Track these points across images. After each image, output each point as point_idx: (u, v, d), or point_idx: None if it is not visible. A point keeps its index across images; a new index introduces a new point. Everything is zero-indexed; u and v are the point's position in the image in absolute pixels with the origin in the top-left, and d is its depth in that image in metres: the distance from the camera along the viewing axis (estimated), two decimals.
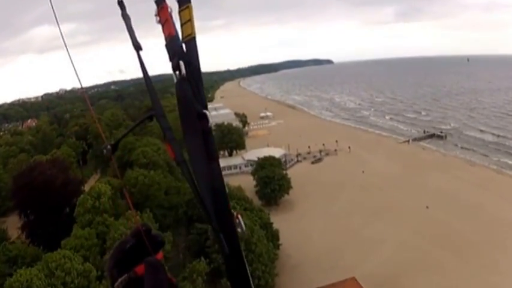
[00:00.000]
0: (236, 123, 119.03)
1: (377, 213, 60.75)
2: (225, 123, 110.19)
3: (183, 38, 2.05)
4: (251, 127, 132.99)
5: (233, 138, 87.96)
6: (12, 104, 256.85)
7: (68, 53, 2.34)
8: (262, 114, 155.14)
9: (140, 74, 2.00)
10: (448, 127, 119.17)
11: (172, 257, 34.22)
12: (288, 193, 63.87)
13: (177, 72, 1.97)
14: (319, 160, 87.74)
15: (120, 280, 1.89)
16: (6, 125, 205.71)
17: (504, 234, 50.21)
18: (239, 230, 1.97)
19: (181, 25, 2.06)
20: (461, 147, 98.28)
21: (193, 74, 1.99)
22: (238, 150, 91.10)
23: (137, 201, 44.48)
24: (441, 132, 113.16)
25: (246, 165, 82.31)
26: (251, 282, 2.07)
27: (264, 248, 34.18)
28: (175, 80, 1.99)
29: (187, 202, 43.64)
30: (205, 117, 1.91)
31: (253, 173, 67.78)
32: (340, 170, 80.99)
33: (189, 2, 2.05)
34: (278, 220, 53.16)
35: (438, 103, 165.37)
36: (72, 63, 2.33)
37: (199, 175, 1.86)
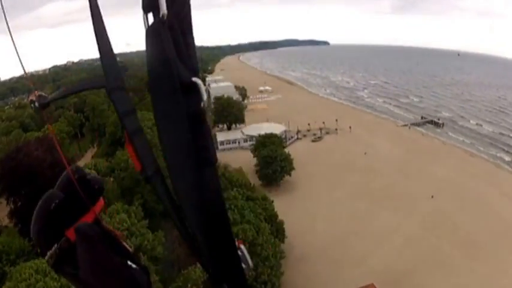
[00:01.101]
0: (236, 96, 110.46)
1: (382, 200, 54.60)
2: (225, 96, 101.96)
3: None
4: (250, 100, 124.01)
5: (232, 112, 79.25)
6: (20, 78, 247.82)
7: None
8: (261, 88, 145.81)
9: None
10: (444, 115, 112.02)
11: (165, 257, 26.78)
12: (290, 174, 56.14)
13: (157, 15, 1.13)
14: (320, 138, 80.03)
15: (49, 254, 1.40)
16: (12, 98, 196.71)
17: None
18: (243, 265, 1.34)
19: None
20: (460, 137, 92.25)
21: (181, 22, 1.17)
22: (237, 125, 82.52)
23: (128, 186, 36.57)
24: (438, 119, 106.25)
25: (245, 141, 74.27)
26: None
27: (271, 250, 27.01)
28: (145, 28, 1.17)
29: None
30: (194, 91, 1.16)
31: (253, 151, 59.80)
32: (341, 150, 73.66)
33: None
34: (280, 203, 45.62)
35: (430, 91, 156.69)
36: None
37: (183, 192, 1.16)
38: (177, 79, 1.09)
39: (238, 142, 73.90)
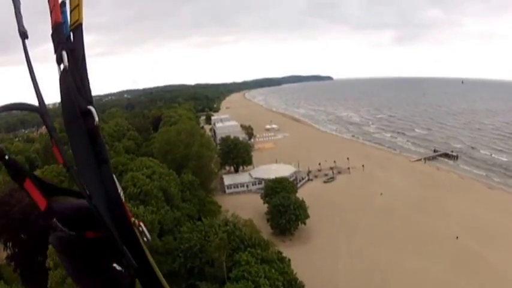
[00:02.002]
0: (242, 135, 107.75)
1: (405, 243, 50.28)
2: (232, 136, 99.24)
3: (70, 26, 1.71)
4: (257, 139, 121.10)
5: (239, 154, 75.91)
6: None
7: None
8: (268, 127, 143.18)
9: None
10: (455, 147, 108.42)
11: None
12: (304, 223, 51.67)
13: (61, 66, 1.63)
14: (332, 179, 75.85)
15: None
16: (22, 130, 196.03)
17: None
18: (145, 239, 1.70)
19: (70, 12, 1.71)
20: (474, 169, 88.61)
21: (77, 63, 1.67)
22: (244, 166, 78.86)
23: None
24: (452, 151, 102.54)
25: (253, 184, 70.33)
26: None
27: None
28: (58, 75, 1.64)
29: (185, 250, 32.05)
30: (90, 114, 1.58)
31: (263, 197, 55.64)
32: (356, 191, 69.39)
33: None
34: (295, 255, 41.23)
35: (437, 122, 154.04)
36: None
37: (89, 182, 1.56)
38: (77, 108, 1.55)
39: (247, 186, 69.90)
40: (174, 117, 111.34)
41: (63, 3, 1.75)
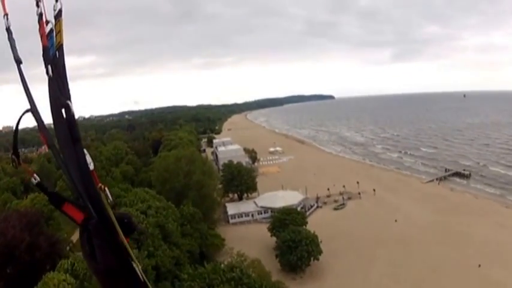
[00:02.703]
0: (246, 160, 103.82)
1: (427, 277, 45.79)
2: (235, 161, 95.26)
3: (55, 46, 2.36)
4: (261, 163, 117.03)
5: (243, 180, 71.68)
6: (32, 130, 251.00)
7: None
8: (272, 149, 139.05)
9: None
10: (464, 164, 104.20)
11: None
12: (317, 259, 47.04)
13: (49, 75, 2.28)
14: (343, 206, 71.31)
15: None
16: (22, 149, 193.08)
17: None
18: (109, 201, 2.30)
19: (55, 35, 2.37)
20: (486, 188, 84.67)
21: (59, 72, 2.29)
22: (249, 193, 74.48)
23: None
24: (464, 170, 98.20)
25: (259, 213, 65.94)
26: (125, 243, 2.26)
27: None
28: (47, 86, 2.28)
29: None
30: (68, 107, 2.15)
31: (271, 229, 51.27)
32: (369, 219, 64.83)
33: (60, 16, 2.36)
34: None
35: (443, 139, 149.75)
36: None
37: (67, 155, 2.16)
38: (59, 102, 2.14)
39: (252, 215, 65.39)
40: (174, 140, 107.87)
41: (51, 30, 2.38)
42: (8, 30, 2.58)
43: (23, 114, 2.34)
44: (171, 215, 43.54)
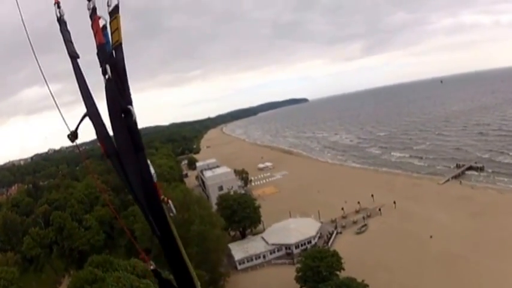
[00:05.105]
0: (238, 183, 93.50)
1: None
2: (225, 187, 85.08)
3: (112, 45, 2.24)
4: (253, 184, 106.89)
5: (245, 214, 61.35)
6: (2, 168, 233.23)
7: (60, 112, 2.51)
8: (261, 166, 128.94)
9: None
10: (468, 157, 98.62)
11: None
12: None
13: (106, 76, 2.15)
14: (365, 227, 62.02)
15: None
16: None
17: None
18: (171, 214, 2.23)
19: (111, 33, 2.26)
20: (506, 177, 79.68)
21: (119, 74, 2.17)
22: (252, 228, 63.94)
23: None
24: (476, 163, 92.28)
25: (271, 252, 55.65)
26: (186, 261, 2.24)
27: None
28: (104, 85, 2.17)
29: None
30: (129, 112, 2.06)
31: (300, 279, 40.85)
32: (399, 239, 56.06)
33: (117, 12, 2.23)
34: None
35: (434, 133, 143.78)
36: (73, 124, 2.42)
37: (128, 165, 2.05)
38: (119, 106, 2.01)
39: (264, 256, 55.15)
40: (161, 166, 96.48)
41: (104, 27, 2.27)
42: (60, 20, 2.34)
43: (82, 119, 2.19)
44: None
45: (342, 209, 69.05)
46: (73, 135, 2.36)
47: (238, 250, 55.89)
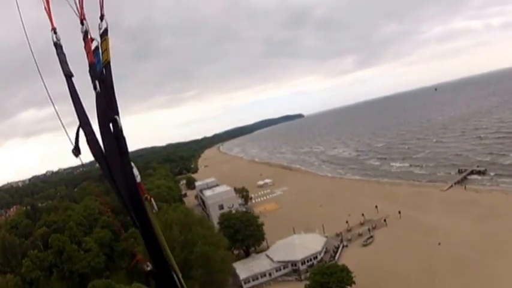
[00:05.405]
0: (238, 201, 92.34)
1: None
2: (226, 205, 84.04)
3: (102, 63, 2.59)
4: (253, 201, 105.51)
5: (249, 232, 59.89)
6: (0, 190, 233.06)
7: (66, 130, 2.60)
8: (261, 183, 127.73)
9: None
10: (473, 161, 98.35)
11: None
12: None
13: (96, 90, 2.50)
14: (371, 239, 60.85)
15: None
16: None
17: None
18: (154, 210, 2.53)
19: (102, 53, 2.60)
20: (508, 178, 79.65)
21: (107, 89, 2.51)
22: (256, 246, 62.49)
23: None
24: (478, 166, 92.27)
25: (277, 269, 54.15)
26: (167, 252, 2.50)
27: None
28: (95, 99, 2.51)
29: None
30: (116, 121, 2.39)
31: None
32: (407, 248, 54.92)
33: (107, 35, 2.59)
34: None
35: (432, 140, 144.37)
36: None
37: (114, 167, 2.36)
38: (107, 117, 2.33)
39: (269, 274, 53.66)
40: (152, 190, 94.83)
41: (97, 48, 2.60)
42: (56, 45, 2.62)
43: (77, 131, 2.44)
44: None
45: (347, 222, 67.88)
46: (76, 150, 2.51)
47: (243, 269, 54.40)
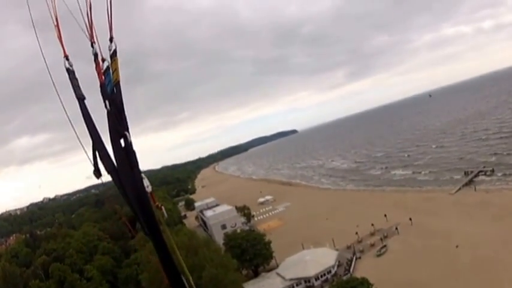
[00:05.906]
0: (241, 220, 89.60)
1: None
2: (228, 225, 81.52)
3: (113, 82, 2.77)
4: (256, 219, 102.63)
5: (256, 251, 57.24)
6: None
7: (84, 148, 2.76)
8: (261, 200, 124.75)
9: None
10: (481, 161, 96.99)
11: None
12: None
13: (107, 109, 2.70)
14: (385, 248, 58.38)
15: None
16: None
17: None
18: (165, 217, 2.84)
19: (112, 73, 2.80)
20: None
21: (116, 107, 2.70)
22: (265, 265, 59.46)
23: None
24: (484, 167, 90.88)
25: (291, 287, 51.22)
26: (178, 257, 2.73)
27: None
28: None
29: None
30: (126, 137, 2.59)
31: None
32: (424, 255, 52.51)
33: (116, 56, 2.79)
34: None
35: (431, 145, 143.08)
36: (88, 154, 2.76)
37: (125, 179, 2.53)
38: (118, 133, 2.54)
39: None
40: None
41: (108, 68, 2.83)
42: (69, 70, 2.83)
43: (93, 151, 2.64)
44: None
45: (356, 233, 65.42)
46: (97, 171, 2.67)
47: None
